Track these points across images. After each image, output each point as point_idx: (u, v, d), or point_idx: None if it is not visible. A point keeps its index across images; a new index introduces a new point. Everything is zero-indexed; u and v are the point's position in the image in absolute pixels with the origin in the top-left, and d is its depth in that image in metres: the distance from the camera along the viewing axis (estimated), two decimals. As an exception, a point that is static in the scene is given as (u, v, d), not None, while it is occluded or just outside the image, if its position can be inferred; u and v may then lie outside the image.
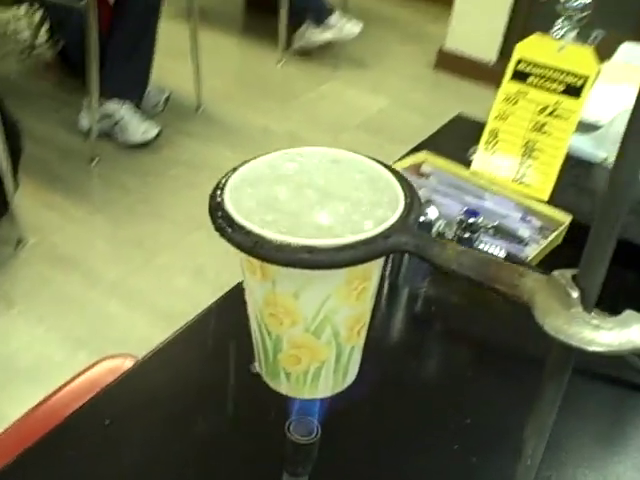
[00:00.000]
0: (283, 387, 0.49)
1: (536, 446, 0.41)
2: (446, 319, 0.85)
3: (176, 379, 0.77)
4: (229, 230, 0.42)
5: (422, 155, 1.06)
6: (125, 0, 2.71)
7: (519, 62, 1.04)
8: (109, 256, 2.37)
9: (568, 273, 0.37)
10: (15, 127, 2.29)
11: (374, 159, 0.50)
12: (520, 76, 1.04)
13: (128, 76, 2.78)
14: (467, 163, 1.07)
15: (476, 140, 1.08)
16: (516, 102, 1.04)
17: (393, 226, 0.41)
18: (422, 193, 0.99)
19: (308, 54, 3.59)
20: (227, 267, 2.35)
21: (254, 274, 0.45)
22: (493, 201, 0.98)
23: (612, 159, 1.09)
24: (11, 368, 1.94)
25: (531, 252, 0.90)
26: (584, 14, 1.02)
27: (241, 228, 0.42)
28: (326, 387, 0.49)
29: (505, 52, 3.38)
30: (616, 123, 1.17)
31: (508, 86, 1.04)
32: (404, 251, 0.40)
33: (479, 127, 1.09)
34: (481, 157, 1.06)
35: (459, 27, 3.51)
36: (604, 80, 1.32)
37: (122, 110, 2.78)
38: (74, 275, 2.25)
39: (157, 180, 2.70)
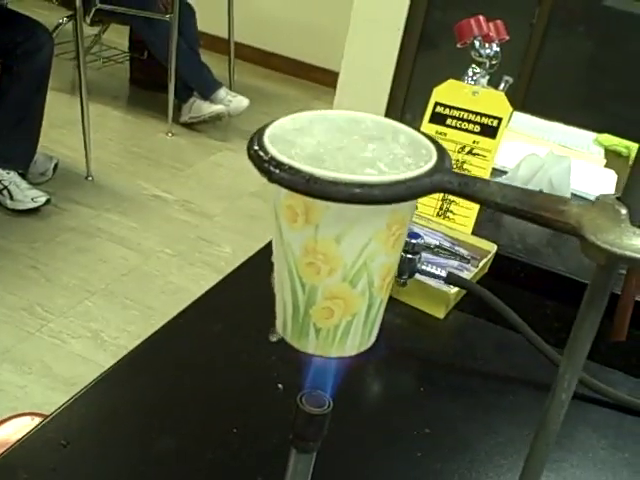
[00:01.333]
0: (311, 346, 0.49)
1: (571, 378, 0.42)
2: (388, 344, 0.87)
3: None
4: (277, 171, 0.42)
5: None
6: (12, 66, 2.67)
7: (436, 105, 1.11)
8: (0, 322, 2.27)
9: (611, 195, 0.40)
10: None
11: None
12: (438, 118, 1.10)
13: (15, 144, 2.72)
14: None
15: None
16: (436, 142, 1.10)
17: (435, 167, 0.43)
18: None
19: (197, 126, 3.63)
20: (124, 332, 2.30)
21: (294, 222, 0.45)
22: (422, 233, 1.03)
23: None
24: None
25: (468, 276, 0.94)
26: (494, 62, 1.11)
27: (290, 168, 0.42)
28: (353, 344, 0.49)
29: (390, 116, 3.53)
30: (522, 166, 1.25)
31: (427, 128, 1.11)
32: (447, 190, 0.41)
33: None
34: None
35: (344, 101, 3.65)
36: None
37: (8, 177, 2.71)
38: (-37, 345, 2.14)
39: (47, 246, 2.63)
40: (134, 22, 3.48)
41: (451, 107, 1.10)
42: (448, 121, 1.10)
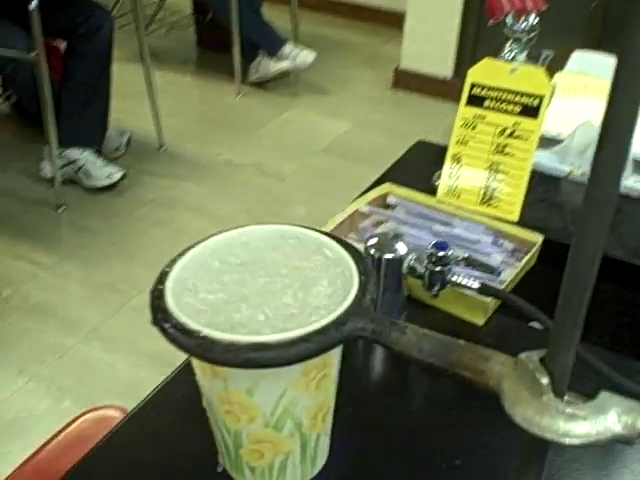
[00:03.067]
0: None
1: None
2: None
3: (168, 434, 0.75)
4: (172, 331, 0.40)
5: (386, 187, 1.06)
6: (75, 47, 2.70)
7: (473, 87, 1.05)
8: (84, 301, 2.35)
9: (536, 355, 0.34)
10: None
11: (325, 233, 0.48)
12: (476, 100, 1.05)
13: (85, 123, 2.77)
14: (432, 189, 1.08)
15: (439, 165, 1.09)
16: (475, 126, 1.05)
17: (348, 311, 0.39)
18: (389, 226, 1.00)
19: (266, 85, 3.61)
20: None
21: (205, 373, 0.43)
22: (462, 227, 0.99)
23: (577, 172, 1.09)
24: (-5, 426, 1.91)
25: (506, 277, 0.90)
26: (532, 35, 1.04)
27: (184, 328, 0.39)
28: (294, 478, 0.47)
29: (460, 66, 3.43)
30: (577, 135, 1.19)
31: (465, 111, 1.06)
32: (361, 338, 0.38)
33: (440, 151, 1.10)
34: (446, 183, 1.07)
35: (412, 46, 3.55)
36: (560, 92, 1.35)
37: (83, 156, 2.76)
38: (51, 323, 2.23)
39: (125, 221, 2.69)
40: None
41: (489, 88, 1.04)
42: (486, 103, 1.05)
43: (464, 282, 0.83)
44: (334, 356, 0.43)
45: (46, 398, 1.99)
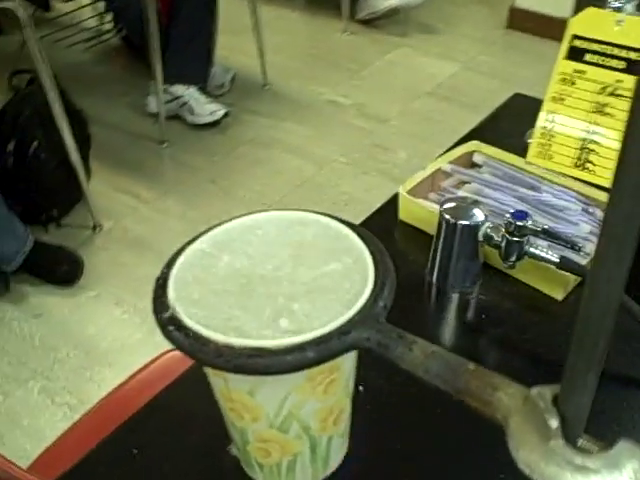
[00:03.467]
0: (259, 477, 0.46)
1: None
2: (500, 327, 0.81)
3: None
4: (168, 325, 0.37)
5: (473, 144, 1.01)
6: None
7: (574, 39, 0.97)
8: (181, 236, 2.36)
9: (549, 392, 0.30)
10: (80, 115, 2.32)
11: (353, 225, 0.43)
12: (576, 54, 0.97)
13: (191, 59, 2.77)
14: (524, 148, 1.02)
15: (535, 122, 1.02)
16: (573, 82, 0.98)
17: (353, 319, 0.35)
18: (472, 187, 0.94)
19: (374, 23, 3.52)
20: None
21: (206, 368, 0.41)
22: (551, 192, 0.93)
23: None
24: (91, 352, 1.99)
25: (592, 250, 0.84)
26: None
27: (181, 324, 0.37)
28: (305, 477, 0.45)
29: (580, 6, 3.23)
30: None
31: (563, 65, 0.98)
32: (364, 349, 0.34)
33: (539, 106, 1.03)
34: (538, 143, 1.00)
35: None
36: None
37: (188, 93, 2.78)
38: (148, 257, 2.28)
39: (225, 159, 2.70)
40: None
41: (591, 40, 0.96)
42: (587, 57, 0.97)
43: (543, 254, 0.78)
44: (343, 362, 0.39)
45: (140, 330, 2.05)
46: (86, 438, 0.72)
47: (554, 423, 0.29)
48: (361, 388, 0.72)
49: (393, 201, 0.96)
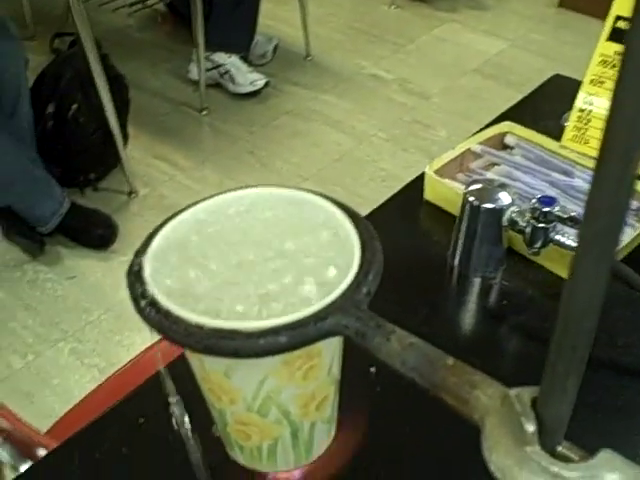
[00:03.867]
0: (240, 459, 0.45)
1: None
2: (522, 314, 0.78)
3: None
4: (141, 302, 0.36)
5: (506, 125, 0.98)
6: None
7: (617, 20, 0.93)
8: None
9: (528, 395, 0.28)
10: (120, 80, 2.32)
11: (342, 205, 0.41)
12: (619, 35, 0.93)
13: (234, 28, 2.75)
14: (560, 129, 0.98)
15: (573, 103, 0.99)
16: (615, 65, 0.94)
17: (332, 304, 0.33)
18: (502, 170, 0.92)
19: (422, -4, 3.46)
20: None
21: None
22: (583, 178, 0.90)
23: None
24: (122, 316, 2.00)
25: (623, 238, 0.81)
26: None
27: (152, 302, 0.36)
28: (287, 462, 0.44)
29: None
30: None
31: (605, 47, 0.94)
32: (343, 335, 0.32)
33: (578, 88, 0.99)
34: (574, 126, 0.97)
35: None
36: None
37: (229, 61, 2.77)
38: (183, 225, 2.29)
39: (264, 130, 2.69)
40: None
41: (636, 22, 0.92)
42: (631, 39, 0.93)
43: (569, 242, 0.75)
44: (323, 348, 0.38)
45: (169, 297, 2.06)
46: (109, 400, 0.73)
47: (530, 427, 0.27)
48: (373, 369, 0.70)
49: (420, 180, 0.94)
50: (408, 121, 2.75)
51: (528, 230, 0.76)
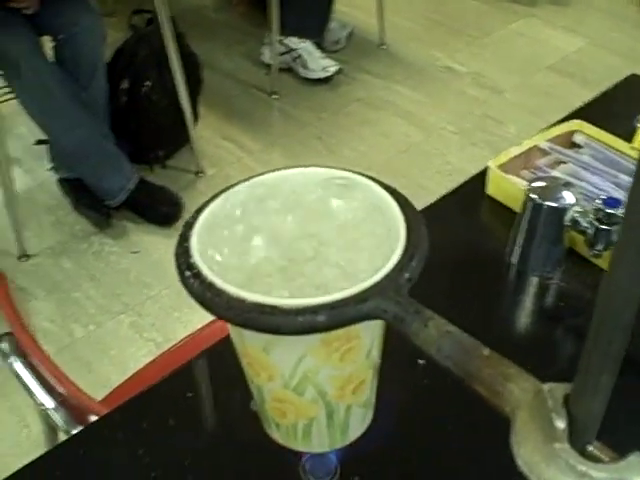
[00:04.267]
0: (276, 436, 0.45)
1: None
2: (578, 317, 0.77)
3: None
4: (186, 272, 0.37)
5: (576, 123, 0.95)
6: None
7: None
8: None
9: (561, 391, 0.27)
10: (194, 60, 2.34)
11: (392, 189, 0.41)
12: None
13: (309, 13, 2.75)
14: (632, 131, 0.96)
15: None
16: (694, 67, 0.91)
17: (373, 287, 0.33)
18: (568, 168, 0.90)
19: (504, -11, 3.40)
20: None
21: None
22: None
23: None
24: (182, 293, 2.01)
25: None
26: None
27: (197, 273, 0.36)
28: (321, 443, 0.44)
29: None
30: None
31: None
32: (381, 319, 0.32)
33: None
34: (647, 128, 0.94)
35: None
36: None
37: (302, 46, 2.77)
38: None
39: (333, 117, 2.69)
40: None
41: None
42: None
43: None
44: (362, 331, 0.38)
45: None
46: (162, 375, 0.75)
47: (561, 424, 0.27)
48: (421, 362, 0.70)
49: (483, 174, 0.93)
50: (479, 115, 2.71)
51: (590, 231, 0.74)
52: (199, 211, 0.41)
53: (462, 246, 0.86)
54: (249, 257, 0.39)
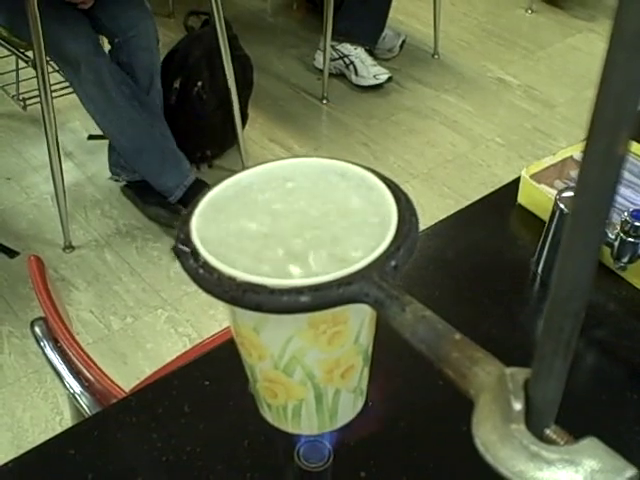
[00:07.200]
0: (268, 417, 0.46)
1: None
2: (600, 329, 0.76)
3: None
4: (181, 248, 0.38)
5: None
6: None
7: None
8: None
9: (522, 375, 0.28)
10: (246, 62, 2.37)
11: (385, 178, 0.42)
12: None
13: (363, 19, 2.76)
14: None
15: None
16: None
17: (358, 272, 0.34)
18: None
19: (560, 3, 3.36)
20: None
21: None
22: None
23: None
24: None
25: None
26: None
27: (194, 250, 0.38)
28: (310, 425, 0.44)
29: None
30: None
31: None
32: (363, 302, 0.33)
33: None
34: (686, 143, 0.92)
35: None
36: None
37: (355, 53, 2.78)
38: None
39: (381, 124, 2.69)
40: None
41: None
42: None
43: (657, 261, 0.72)
44: (349, 314, 0.39)
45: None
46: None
47: (517, 406, 0.28)
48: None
49: (516, 182, 0.92)
50: (528, 128, 2.69)
51: (616, 243, 0.73)
52: (202, 195, 0.42)
53: (488, 252, 0.85)
54: (250, 241, 0.40)
